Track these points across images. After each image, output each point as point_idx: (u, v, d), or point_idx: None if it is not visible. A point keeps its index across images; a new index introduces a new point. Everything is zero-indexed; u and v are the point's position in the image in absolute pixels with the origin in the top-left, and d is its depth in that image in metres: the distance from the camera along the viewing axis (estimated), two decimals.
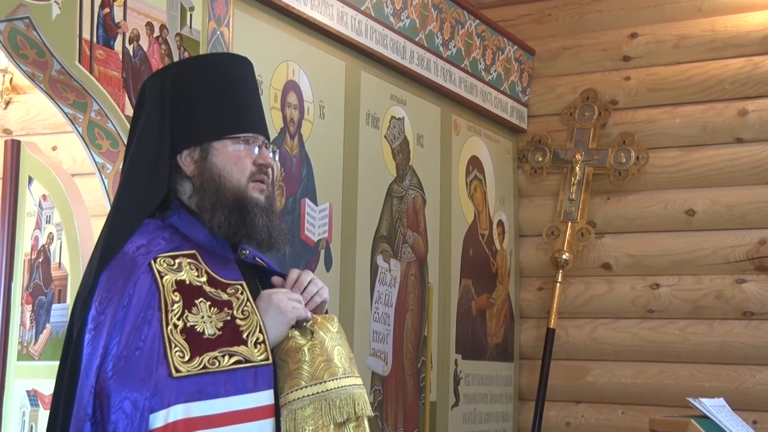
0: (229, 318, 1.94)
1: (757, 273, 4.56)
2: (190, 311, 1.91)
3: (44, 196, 3.20)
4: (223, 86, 2.07)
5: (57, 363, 3.00)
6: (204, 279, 1.97)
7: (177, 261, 1.96)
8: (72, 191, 3.19)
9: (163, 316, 1.89)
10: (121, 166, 2.73)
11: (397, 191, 4.09)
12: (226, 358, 1.89)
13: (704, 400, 3.41)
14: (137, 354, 1.85)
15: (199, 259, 1.99)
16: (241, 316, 1.96)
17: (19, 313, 3.15)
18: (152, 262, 1.94)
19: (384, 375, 3.92)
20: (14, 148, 3.25)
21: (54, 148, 4.00)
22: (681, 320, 4.69)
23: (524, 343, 5.06)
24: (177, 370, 1.85)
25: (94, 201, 3.42)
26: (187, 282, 1.94)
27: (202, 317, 1.92)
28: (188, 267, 1.97)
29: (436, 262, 4.36)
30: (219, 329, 1.92)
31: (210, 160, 2.03)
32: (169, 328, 1.88)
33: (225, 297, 1.96)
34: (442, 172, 4.44)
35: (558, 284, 4.85)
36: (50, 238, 3.17)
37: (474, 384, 4.64)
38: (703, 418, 3.35)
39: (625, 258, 4.83)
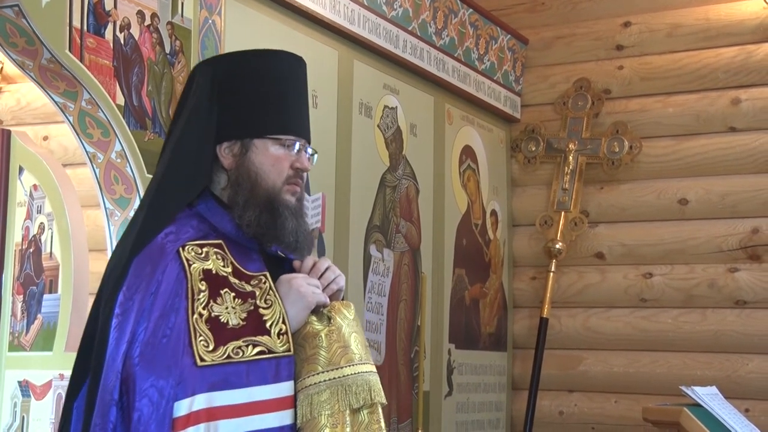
0: (252, 308, 1.95)
1: (749, 262, 4.56)
2: (215, 301, 1.92)
3: (35, 186, 3.18)
4: (274, 85, 2.07)
5: (48, 353, 3.00)
6: (229, 270, 1.98)
7: (204, 250, 1.98)
8: (63, 181, 3.17)
9: (189, 304, 1.90)
10: (110, 155, 2.72)
11: (390, 181, 4.08)
12: (250, 348, 1.91)
13: (697, 389, 3.42)
14: (164, 341, 1.86)
15: (225, 249, 2.01)
16: (264, 305, 1.97)
17: (10, 303, 3.13)
18: (180, 249, 1.95)
19: (377, 365, 3.91)
20: (4, 137, 3.23)
21: (45, 138, 3.99)
22: (674, 309, 4.69)
23: (517, 332, 5.07)
24: (201, 359, 1.86)
25: (85, 191, 3.41)
26: (214, 271, 1.96)
27: (227, 308, 1.93)
28: (215, 256, 1.98)
29: (430, 251, 4.35)
30: (243, 319, 1.93)
31: (249, 157, 2.04)
32: (195, 317, 1.89)
33: (249, 288, 1.98)
34: (435, 162, 4.43)
35: (551, 274, 4.84)
36: (41, 228, 3.15)
37: (467, 373, 4.64)
38: (696, 407, 3.35)
39: (618, 247, 4.83)
